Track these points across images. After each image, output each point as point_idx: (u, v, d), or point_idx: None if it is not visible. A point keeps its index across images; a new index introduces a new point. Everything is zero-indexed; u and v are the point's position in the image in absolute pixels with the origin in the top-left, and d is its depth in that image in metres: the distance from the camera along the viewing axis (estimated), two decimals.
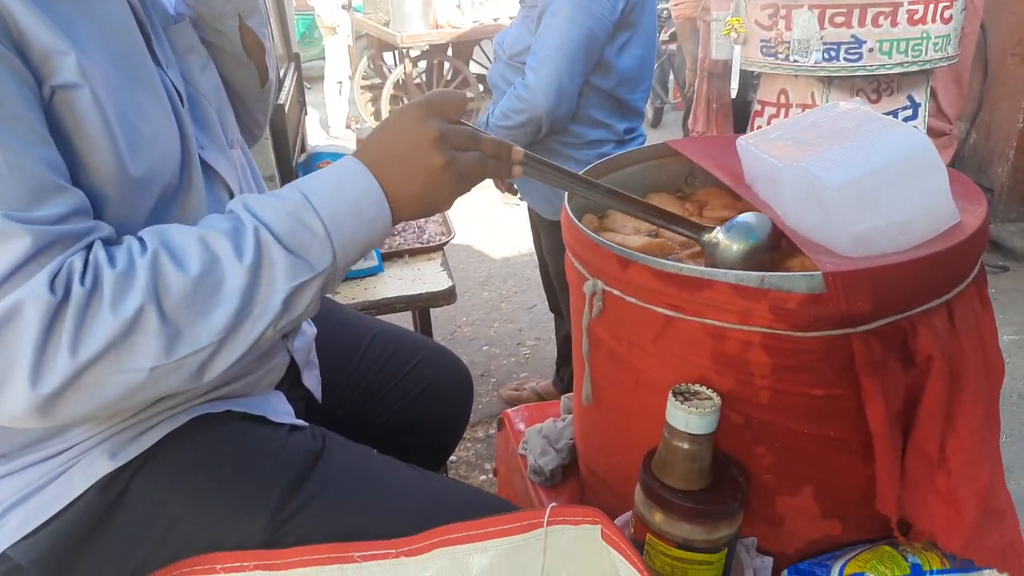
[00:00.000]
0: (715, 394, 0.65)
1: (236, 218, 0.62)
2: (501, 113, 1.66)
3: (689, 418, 0.63)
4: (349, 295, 1.34)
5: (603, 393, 0.80)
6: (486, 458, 2.10)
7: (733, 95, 2.61)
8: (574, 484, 0.98)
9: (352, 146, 1.60)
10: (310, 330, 0.90)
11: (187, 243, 0.59)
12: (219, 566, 0.53)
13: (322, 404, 0.89)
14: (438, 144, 0.66)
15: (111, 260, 0.56)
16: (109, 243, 0.58)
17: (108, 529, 0.65)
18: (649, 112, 5.68)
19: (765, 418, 0.69)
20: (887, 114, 2.51)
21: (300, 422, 0.77)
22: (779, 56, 2.39)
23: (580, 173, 0.86)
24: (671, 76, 5.51)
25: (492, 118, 1.70)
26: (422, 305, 1.36)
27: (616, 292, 0.72)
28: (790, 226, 0.75)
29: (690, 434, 0.63)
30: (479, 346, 2.69)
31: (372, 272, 1.41)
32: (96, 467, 0.65)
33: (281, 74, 1.46)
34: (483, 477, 2.02)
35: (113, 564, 0.64)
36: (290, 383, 0.83)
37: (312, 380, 0.88)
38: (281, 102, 1.23)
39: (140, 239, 0.59)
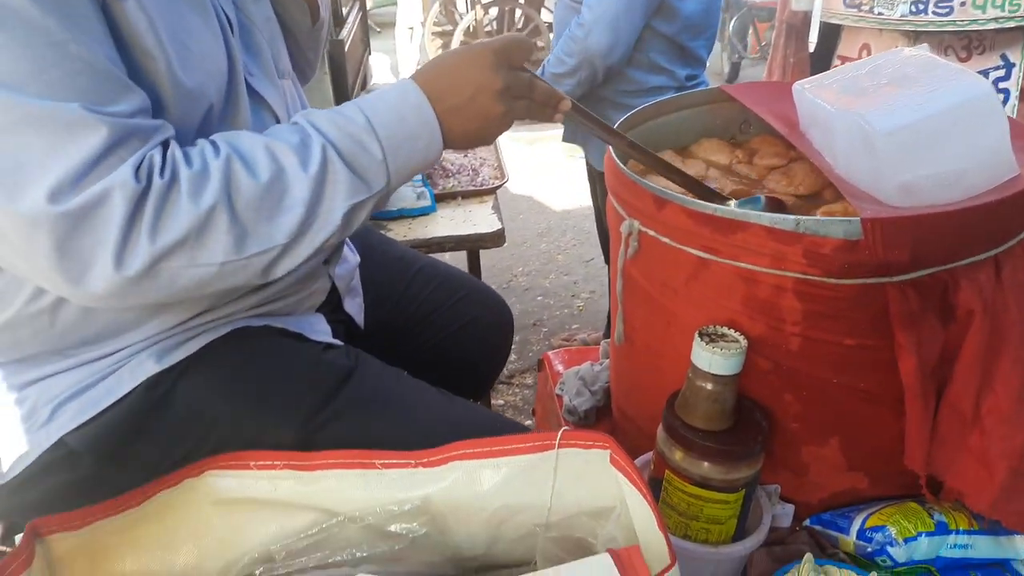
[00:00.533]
0: (742, 337, 0.65)
1: (303, 132, 0.66)
2: (556, 59, 1.63)
3: (713, 359, 0.63)
4: (401, 233, 1.38)
5: (635, 334, 0.81)
6: (533, 404, 2.13)
7: (811, 48, 2.50)
8: (607, 425, 1.00)
9: None
10: (353, 258, 0.94)
11: (257, 151, 0.63)
12: (252, 463, 0.57)
13: (364, 331, 0.93)
14: (501, 95, 0.70)
15: (187, 159, 0.61)
16: (180, 145, 0.62)
17: (153, 425, 0.70)
18: (726, 66, 5.48)
19: (794, 365, 0.68)
20: (978, 73, 2.36)
21: (336, 341, 0.81)
22: (863, 8, 2.27)
23: (622, 119, 0.86)
24: (751, 29, 5.28)
25: (548, 65, 1.68)
26: (471, 246, 1.38)
27: (651, 232, 0.71)
28: (839, 174, 0.73)
29: (713, 375, 0.64)
30: (533, 296, 2.71)
31: (425, 212, 1.44)
32: (143, 368, 0.70)
33: (344, 12, 1.47)
34: (528, 422, 2.06)
35: (157, 454, 0.70)
36: (331, 308, 0.87)
37: (354, 307, 0.91)
38: (341, 38, 1.25)
39: (213, 143, 0.63)
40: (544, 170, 3.80)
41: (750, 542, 0.68)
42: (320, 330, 0.81)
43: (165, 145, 0.61)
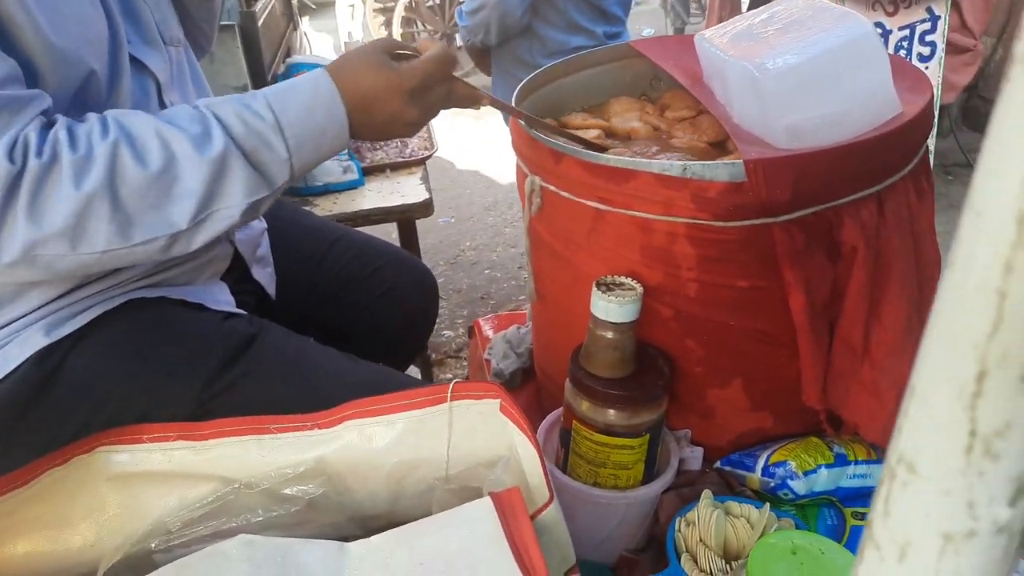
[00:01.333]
0: (638, 285, 0.66)
1: (205, 122, 0.64)
2: (468, 5, 1.69)
3: (609, 307, 0.64)
4: (327, 208, 1.36)
5: (545, 290, 0.82)
6: None
7: (744, 9, 2.51)
8: (533, 386, 1.01)
9: None
10: (258, 224, 0.92)
11: (148, 137, 0.61)
12: (145, 436, 0.57)
13: (280, 303, 0.92)
14: (418, 114, 0.73)
15: (72, 140, 0.59)
16: (59, 120, 0.60)
17: (44, 400, 0.68)
18: (670, 32, 5.49)
19: (693, 311, 0.69)
20: (904, 28, 2.41)
21: (238, 310, 0.80)
22: None
23: (528, 78, 0.87)
24: None
25: (463, 10, 1.75)
26: (398, 217, 1.37)
27: (551, 187, 0.72)
28: (735, 122, 0.74)
29: (611, 323, 0.65)
30: (481, 269, 2.71)
31: (352, 185, 1.42)
32: (31, 342, 0.68)
33: None
34: None
35: (48, 432, 0.69)
36: (237, 277, 0.86)
37: (264, 276, 0.90)
38: (253, 11, 1.22)
39: (103, 123, 0.61)
40: (490, 144, 3.78)
41: (657, 485, 0.70)
42: (222, 300, 0.80)
43: (46, 120, 0.59)
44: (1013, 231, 0.13)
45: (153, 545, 0.55)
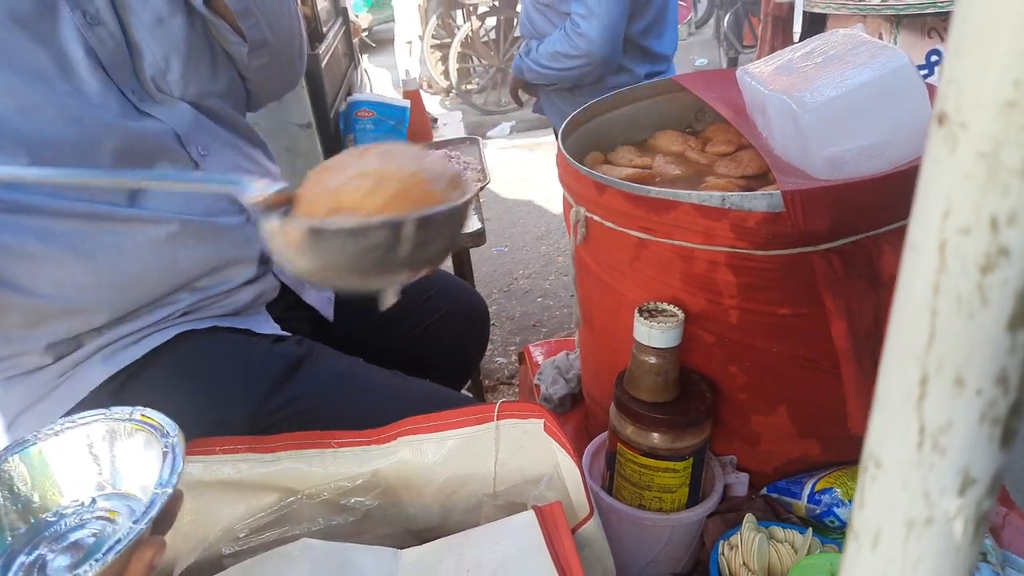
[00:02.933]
0: (679, 311, 0.68)
1: None
2: (550, 54, 1.72)
3: (652, 332, 0.66)
4: None
5: (592, 317, 0.84)
6: None
7: (796, 39, 2.51)
8: (581, 411, 1.03)
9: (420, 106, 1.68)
10: None
11: None
12: (217, 448, 0.61)
13: (337, 330, 0.97)
14: None
15: None
16: None
17: None
18: (724, 62, 5.49)
19: (735, 338, 0.71)
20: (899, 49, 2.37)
21: (285, 333, 0.85)
22: None
23: (575, 113, 0.90)
24: (746, 24, 5.29)
25: (537, 57, 1.76)
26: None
27: (596, 217, 0.75)
28: (776, 154, 0.76)
29: (653, 348, 0.67)
30: (534, 297, 2.74)
31: None
32: (92, 375, 0.74)
33: (325, 29, 1.53)
34: None
35: None
36: (288, 303, 0.90)
37: (320, 300, 0.95)
38: (317, 52, 1.30)
39: None
40: (543, 175, 3.84)
41: (701, 508, 0.71)
42: (268, 327, 0.85)
43: None
44: (937, 259, 0.16)
45: (223, 550, 0.60)
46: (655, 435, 0.69)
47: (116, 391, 0.75)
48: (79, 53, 0.71)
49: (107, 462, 0.52)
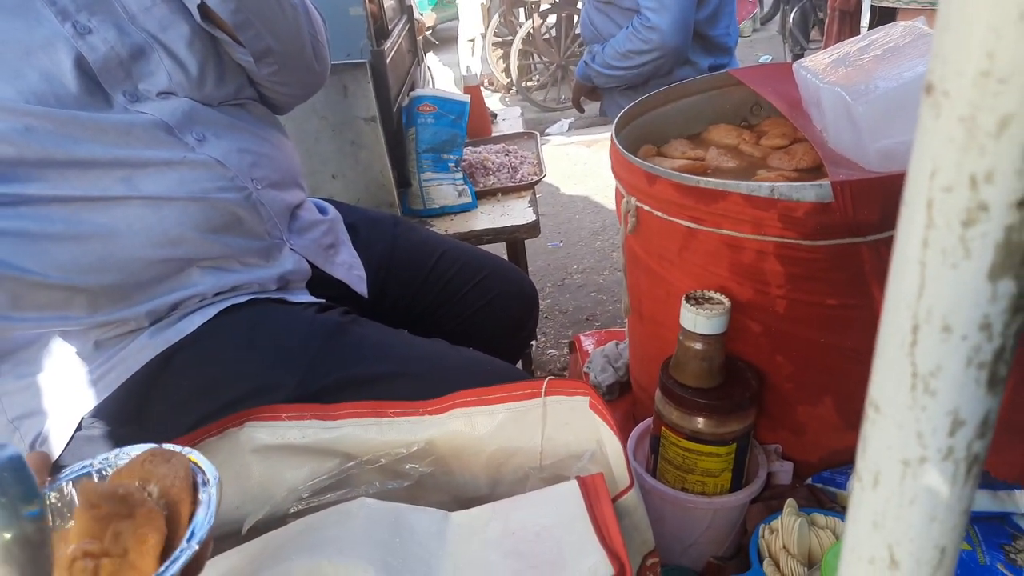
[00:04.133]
0: (726, 299, 0.69)
1: None
2: (620, 54, 1.73)
3: (698, 319, 0.68)
4: (442, 227, 1.46)
5: (641, 306, 0.86)
6: None
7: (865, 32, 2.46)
8: (628, 399, 1.05)
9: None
10: (320, 228, 0.97)
11: None
12: (284, 414, 0.66)
13: (389, 316, 1.00)
14: None
15: None
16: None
17: (160, 397, 0.77)
18: (788, 57, 5.38)
19: (782, 327, 0.72)
20: None
21: (326, 302, 0.88)
22: None
23: (629, 106, 0.92)
24: (812, 19, 5.17)
25: (606, 59, 1.78)
26: (507, 237, 1.45)
27: (646, 207, 0.77)
28: (830, 147, 0.77)
29: (699, 334, 0.69)
30: (587, 292, 2.76)
31: (466, 208, 1.52)
32: (144, 352, 0.78)
33: (390, 27, 1.58)
34: None
35: (170, 423, 0.77)
36: (320, 283, 0.93)
37: (352, 278, 0.97)
38: (382, 49, 1.35)
39: None
40: (600, 171, 3.85)
41: (743, 494, 0.72)
42: (304, 297, 0.88)
43: None
44: (925, 215, 0.18)
45: (289, 509, 0.64)
46: (699, 419, 0.70)
47: (163, 365, 0.78)
48: (67, 63, 0.75)
49: None
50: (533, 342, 2.03)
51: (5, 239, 0.70)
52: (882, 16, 2.49)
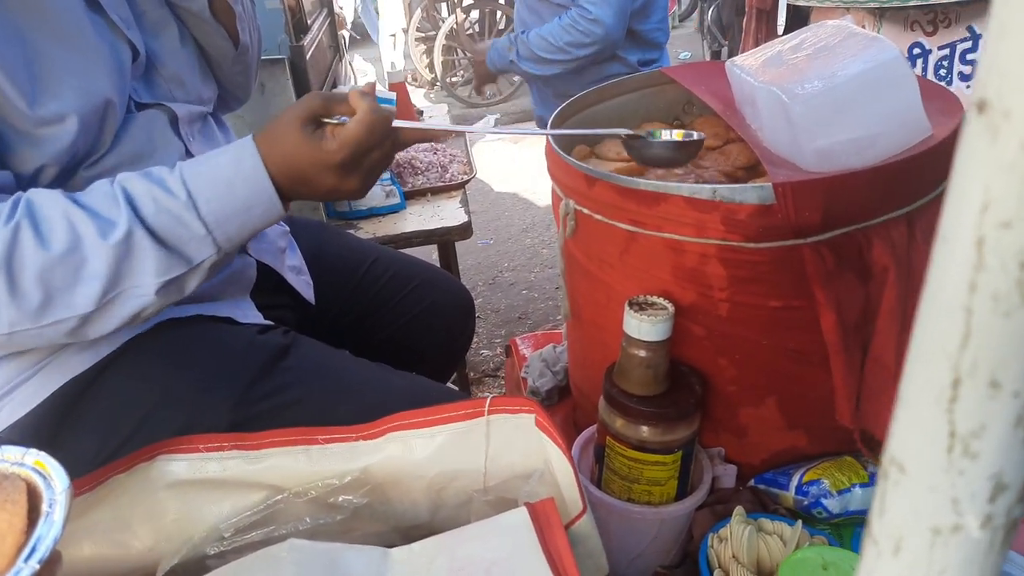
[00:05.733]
0: (670, 304, 0.67)
1: (114, 201, 0.63)
2: (557, 47, 1.68)
3: (641, 326, 0.66)
4: (370, 230, 1.40)
5: (580, 310, 0.84)
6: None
7: (780, 32, 2.52)
8: (568, 404, 1.02)
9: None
10: (273, 232, 0.93)
11: (54, 219, 0.61)
12: (201, 445, 0.60)
13: (320, 320, 0.95)
14: (347, 170, 0.68)
15: None
16: None
17: (84, 417, 0.72)
18: (707, 55, 5.50)
19: (725, 330, 0.71)
20: (944, 47, 2.39)
21: (269, 323, 0.83)
22: None
23: (563, 105, 0.89)
24: (728, 17, 5.30)
25: (538, 53, 1.72)
26: (438, 240, 1.41)
27: (585, 211, 0.74)
28: (765, 146, 0.76)
29: (643, 341, 0.66)
30: (519, 290, 2.74)
31: (394, 209, 1.47)
32: (69, 364, 0.72)
33: (309, 21, 1.50)
34: None
35: (93, 446, 0.72)
36: (271, 288, 0.89)
37: (300, 283, 0.94)
38: (302, 44, 1.28)
39: (13, 206, 0.62)
40: (527, 166, 3.83)
41: (690, 501, 0.71)
42: (251, 316, 0.83)
43: None
44: (974, 255, 0.15)
45: (208, 550, 0.58)
46: (645, 428, 0.68)
47: (92, 380, 0.73)
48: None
49: None
50: None
51: None
52: (796, 15, 2.56)
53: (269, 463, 0.60)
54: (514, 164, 3.96)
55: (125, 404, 0.73)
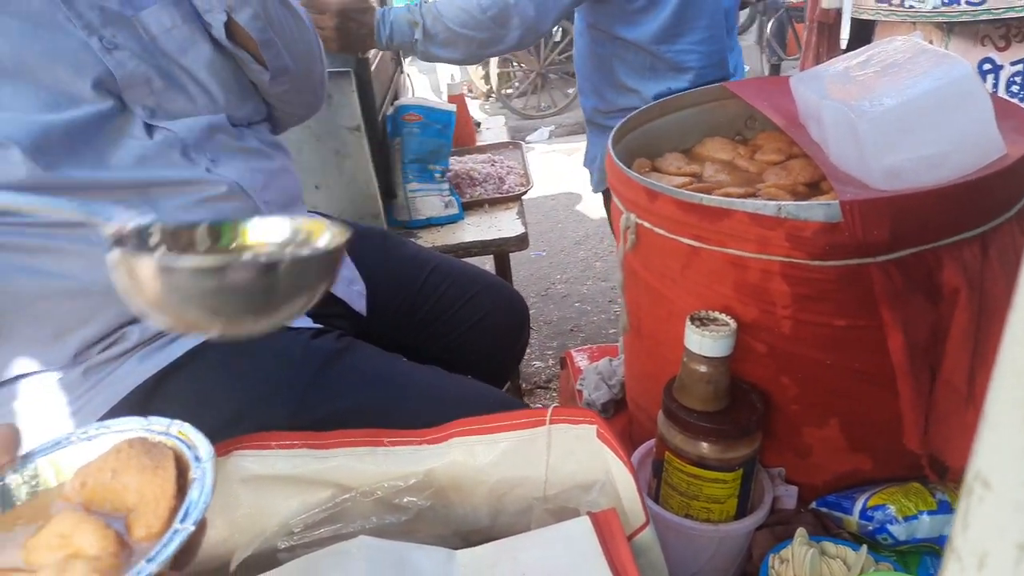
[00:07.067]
0: (732, 320, 0.67)
1: None
2: (462, 15, 1.33)
3: (703, 341, 0.66)
4: (429, 239, 1.43)
5: (640, 324, 0.84)
6: None
7: (843, 46, 2.47)
8: (624, 417, 1.02)
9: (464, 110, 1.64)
10: None
11: None
12: (273, 443, 0.63)
13: (376, 327, 0.98)
14: None
15: None
16: None
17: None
18: (766, 68, 5.43)
19: (788, 348, 0.70)
20: (1017, 62, 2.32)
21: (323, 327, 0.86)
22: (893, 2, 2.25)
23: (623, 120, 0.90)
24: (790, 30, 5.23)
25: (446, 21, 1.34)
26: (495, 250, 1.43)
27: (647, 224, 0.75)
28: (831, 163, 0.76)
29: (704, 356, 0.67)
30: (571, 302, 2.74)
31: (453, 219, 1.50)
32: (132, 377, 0.76)
33: None
34: None
35: None
36: (322, 300, 0.91)
37: (351, 294, 0.95)
38: (367, 57, 1.32)
39: None
40: (582, 180, 3.84)
41: (750, 520, 0.70)
42: (304, 321, 0.86)
43: None
44: None
45: (279, 544, 0.61)
46: (704, 444, 0.68)
47: (152, 389, 0.76)
48: (90, 75, 0.73)
49: None
50: None
51: (11, 261, 0.68)
52: (860, 29, 2.51)
53: (337, 462, 0.62)
54: (568, 176, 3.97)
55: (192, 404, 0.76)
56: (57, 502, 0.42)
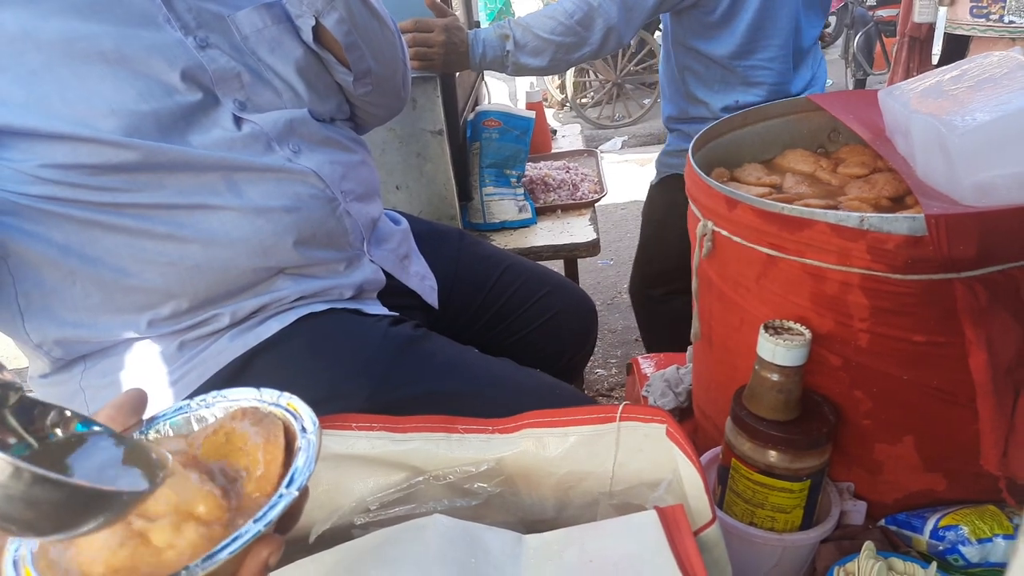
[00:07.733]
0: (806, 330, 0.67)
1: None
2: (556, 25, 1.40)
3: (776, 350, 0.66)
4: (501, 242, 1.47)
5: (711, 332, 0.85)
6: None
7: (935, 62, 2.40)
8: (689, 425, 1.03)
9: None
10: (397, 237, 0.99)
11: None
12: (353, 424, 0.66)
13: (449, 324, 1.01)
14: None
15: None
16: None
17: None
18: (850, 83, 5.28)
19: (864, 362, 0.70)
20: None
21: (397, 314, 0.89)
22: (991, 17, 2.16)
23: (704, 129, 0.90)
24: (878, 44, 5.07)
25: (535, 30, 1.41)
26: (566, 255, 1.45)
27: (724, 232, 0.75)
28: (918, 177, 0.75)
29: (777, 365, 0.67)
30: None
31: (526, 224, 1.53)
32: (224, 354, 0.80)
33: None
34: None
35: None
36: (399, 291, 0.94)
37: (424, 288, 0.99)
38: None
39: None
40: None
41: (815, 532, 0.70)
42: (378, 308, 0.89)
43: None
44: None
45: (355, 520, 0.64)
46: (773, 453, 0.68)
47: (242, 368, 0.81)
48: (182, 68, 0.78)
49: None
50: None
51: (107, 239, 0.73)
52: (954, 44, 2.42)
53: (412, 446, 0.65)
54: (639, 186, 3.96)
55: (274, 386, 0.80)
56: (176, 462, 0.46)
